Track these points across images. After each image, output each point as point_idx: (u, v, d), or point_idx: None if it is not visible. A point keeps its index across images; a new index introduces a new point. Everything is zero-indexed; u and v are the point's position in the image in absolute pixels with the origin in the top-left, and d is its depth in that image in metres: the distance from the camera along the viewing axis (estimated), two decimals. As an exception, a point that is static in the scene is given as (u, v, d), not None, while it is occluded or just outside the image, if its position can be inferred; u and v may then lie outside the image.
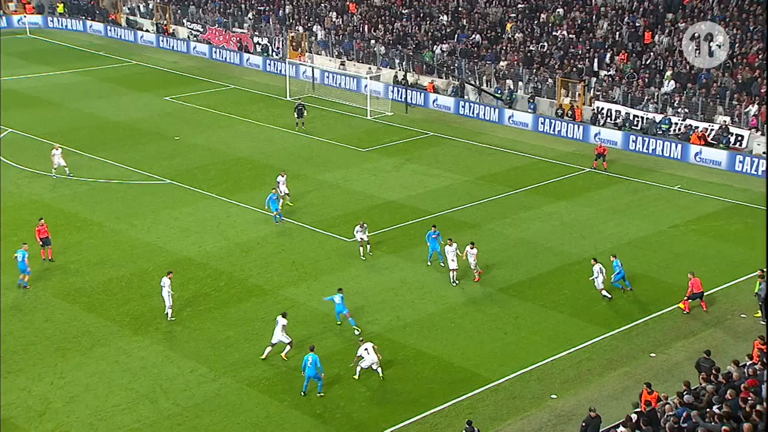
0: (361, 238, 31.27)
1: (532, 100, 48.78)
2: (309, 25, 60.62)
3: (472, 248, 29.68)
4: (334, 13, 60.61)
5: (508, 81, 50.46)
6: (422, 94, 52.07)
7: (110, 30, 68.90)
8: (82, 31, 69.82)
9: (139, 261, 30.76)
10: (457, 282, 29.44)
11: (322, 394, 23.34)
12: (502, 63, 51.24)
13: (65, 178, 37.81)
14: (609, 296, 28.40)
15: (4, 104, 49.44)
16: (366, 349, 23.92)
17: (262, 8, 64.24)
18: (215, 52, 62.66)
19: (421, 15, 57.00)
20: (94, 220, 34.15)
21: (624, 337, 26.50)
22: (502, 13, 54.28)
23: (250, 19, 63.75)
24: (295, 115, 46.44)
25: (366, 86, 51.71)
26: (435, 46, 54.13)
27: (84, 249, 31.57)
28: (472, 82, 51.57)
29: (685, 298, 27.66)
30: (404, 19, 57.20)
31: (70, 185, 37.72)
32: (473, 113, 49.79)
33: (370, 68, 55.06)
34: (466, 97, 51.44)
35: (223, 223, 34.30)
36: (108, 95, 52.80)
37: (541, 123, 47.16)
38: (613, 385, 24.08)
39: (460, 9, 55.88)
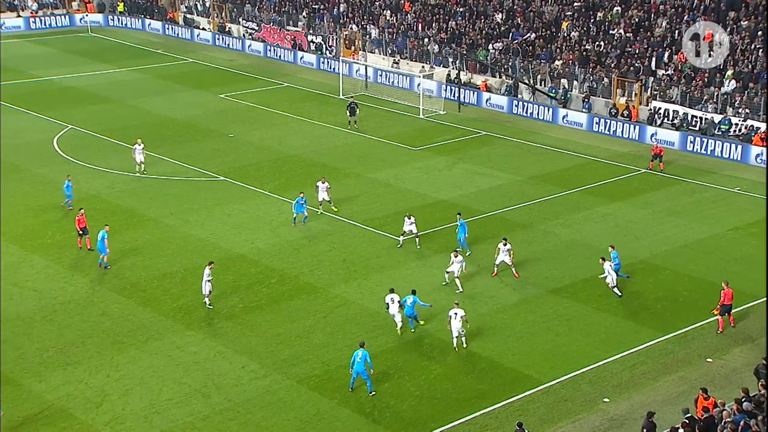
0: (409, 230, 31.28)
1: (587, 100, 48.14)
2: (363, 23, 60.74)
3: (504, 245, 29.50)
4: (389, 12, 60.62)
5: (562, 80, 49.88)
6: (475, 92, 51.76)
7: (168, 28, 69.98)
8: (140, 30, 71.04)
9: (193, 256, 31.14)
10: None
11: (373, 393, 23.34)
12: (557, 62, 50.66)
13: (139, 175, 38.04)
14: (620, 294, 28.17)
15: (64, 101, 50.61)
16: (456, 313, 24.78)
17: (316, 7, 64.56)
18: (270, 51, 63.18)
19: (476, 13, 56.67)
20: (149, 216, 34.69)
21: (679, 341, 25.98)
22: (558, 11, 53.68)
23: (304, 17, 64.13)
24: (348, 113, 46.56)
25: (419, 85, 51.59)
26: (489, 45, 53.76)
27: (139, 244, 32.08)
28: (526, 81, 51.09)
29: (717, 308, 26.38)
30: (458, 18, 56.95)
31: (127, 182, 38.39)
32: (527, 112, 49.33)
33: (423, 67, 54.94)
34: (519, 96, 50.98)
35: (276, 221, 34.55)
36: (164, 92, 53.62)
37: (596, 123, 46.50)
38: (667, 389, 23.62)
39: (515, 7, 55.42)
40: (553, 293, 28.97)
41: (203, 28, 69.14)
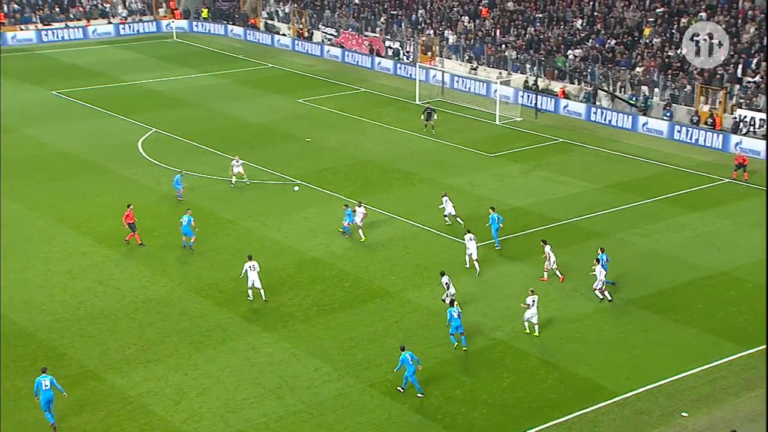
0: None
1: (668, 107, 47.00)
2: (440, 29, 60.65)
3: (545, 245, 29.45)
4: (466, 18, 60.39)
5: (643, 87, 48.82)
6: (553, 99, 51.10)
7: (249, 34, 71.23)
8: (223, 35, 72.51)
9: (268, 259, 31.53)
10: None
11: (421, 395, 23.19)
12: (637, 68, 49.62)
13: (245, 183, 38.37)
14: (610, 298, 28.16)
15: (149, 105, 51.99)
16: (534, 301, 25.63)
17: (394, 12, 64.77)
18: (348, 56, 63.68)
19: (555, 19, 55.94)
20: (227, 218, 35.31)
21: (763, 356, 25.05)
22: (639, 17, 52.52)
23: (382, 23, 64.42)
24: (423, 118, 46.50)
25: (495, 91, 51.23)
26: (568, 51, 53.02)
27: (217, 246, 32.68)
28: (605, 88, 50.19)
29: None
30: (537, 24, 56.31)
31: (207, 184, 39.17)
32: (605, 120, 48.46)
33: (500, 73, 54.53)
34: (598, 103, 50.11)
35: (350, 225, 34.71)
36: (244, 97, 54.56)
37: (678, 131, 45.35)
38: (750, 406, 22.81)
39: (595, 13, 54.48)
40: (630, 303, 28.34)
41: (283, 34, 70.15)
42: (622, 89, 49.78)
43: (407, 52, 61.17)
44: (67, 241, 32.93)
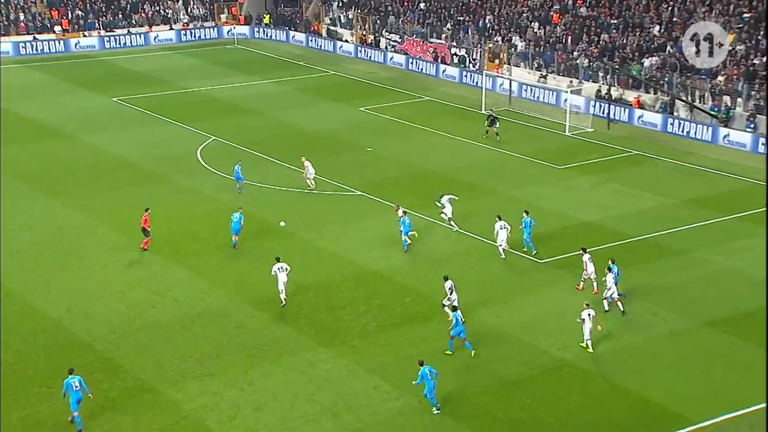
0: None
1: (752, 119, 45.85)
2: (509, 36, 60.36)
3: (584, 252, 29.55)
4: (536, 24, 59.98)
5: (725, 97, 47.73)
6: (627, 109, 50.36)
7: (311, 40, 72.02)
8: (284, 42, 73.46)
9: (327, 271, 31.71)
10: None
11: (437, 411, 23.21)
12: (719, 77, 48.55)
13: (309, 190, 39.23)
14: (622, 310, 28.37)
15: (209, 112, 52.89)
16: (589, 315, 25.70)
17: (461, 18, 64.72)
18: (412, 63, 63.84)
19: (631, 26, 55.12)
20: (286, 231, 35.58)
21: None
22: (722, 23, 51.36)
23: (448, 29, 64.42)
24: (486, 124, 46.67)
25: (566, 100, 50.72)
26: (643, 59, 52.19)
27: (273, 257, 32.88)
28: (684, 98, 49.23)
29: None
30: (612, 30, 55.56)
31: (267, 194, 39.61)
32: (683, 131, 47.53)
33: (571, 81, 53.98)
34: (675, 113, 49.18)
35: (411, 238, 34.70)
36: (305, 105, 55.11)
37: (762, 143, 44.20)
38: (837, 441, 21.97)
39: (674, 19, 53.47)
40: (709, 326, 27.67)
41: (346, 41, 70.74)
42: (702, 99, 48.76)
43: (474, 59, 61.03)
44: (125, 251, 33.64)
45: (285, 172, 42.41)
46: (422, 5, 68.06)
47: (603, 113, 50.12)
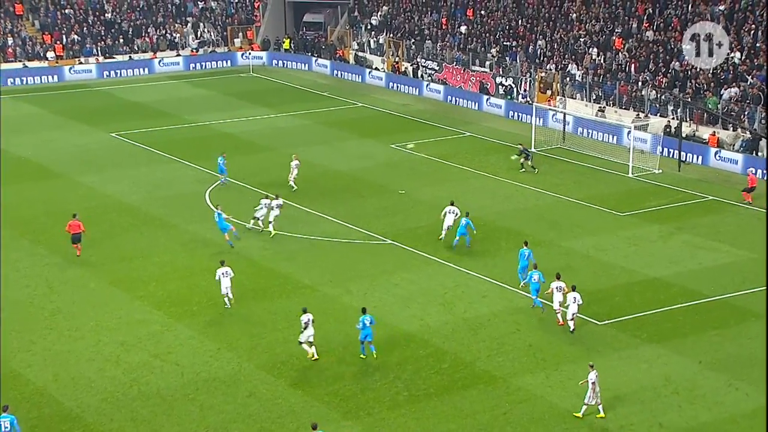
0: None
1: None
2: (563, 63, 60.83)
3: (571, 290, 31.16)
4: (595, 50, 60.43)
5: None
6: (701, 148, 50.30)
7: (337, 68, 73.06)
8: (306, 70, 74.56)
9: (353, 333, 31.72)
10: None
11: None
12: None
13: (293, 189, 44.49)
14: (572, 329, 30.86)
15: (220, 149, 53.46)
16: (597, 376, 26.34)
17: (508, 44, 65.36)
18: (451, 94, 64.44)
19: (707, 51, 55.28)
20: (305, 283, 35.83)
21: None
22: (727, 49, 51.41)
23: (493, 56, 65.07)
24: (522, 158, 48.36)
25: (629, 137, 50.84)
26: (721, 90, 52.27)
27: (293, 315, 33.02)
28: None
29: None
30: (683, 57, 55.76)
31: (283, 242, 39.95)
32: None
33: (636, 116, 54.13)
34: (760, 153, 49.04)
35: (450, 294, 34.77)
36: (329, 141, 55.72)
37: None
38: None
39: (758, 44, 53.57)
40: (797, 402, 27.29)
41: (376, 68, 71.65)
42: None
43: (523, 90, 61.49)
44: (121, 308, 34.01)
45: (306, 217, 42.76)
46: (463, 29, 68.90)
47: (673, 153, 50.10)
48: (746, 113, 50.59)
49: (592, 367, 26.69)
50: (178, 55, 75.81)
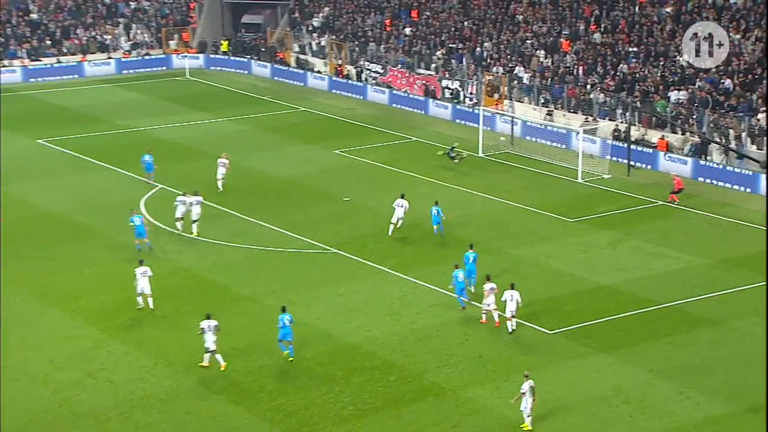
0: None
1: (797, 164, 46.67)
2: (510, 66, 61.39)
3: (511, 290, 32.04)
4: (543, 53, 61.09)
5: (766, 138, 48.57)
6: (650, 153, 51.08)
7: (277, 71, 72.87)
8: (245, 73, 74.26)
9: (296, 347, 31.59)
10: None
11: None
12: (759, 115, 49.45)
13: (220, 191, 45.78)
14: (511, 330, 31.89)
15: (155, 156, 53.02)
16: (531, 387, 26.39)
17: (453, 46, 65.79)
18: (396, 98, 64.65)
19: (654, 54, 56.23)
20: (245, 294, 35.67)
21: None
22: (761, 50, 52.41)
23: (439, 59, 65.44)
24: (450, 157, 50.40)
25: (578, 141, 51.43)
26: (669, 93, 53.16)
27: (233, 329, 32.90)
28: (718, 140, 50.04)
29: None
30: (631, 60, 56.64)
31: (222, 252, 39.71)
32: (717, 179, 48.24)
33: (586, 119, 54.80)
34: (708, 158, 49.94)
35: (397, 304, 34.85)
36: (270, 147, 55.56)
37: (810, 192, 44.94)
38: None
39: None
40: (752, 412, 27.77)
41: (318, 71, 71.64)
42: (739, 141, 49.54)
43: (469, 93, 61.91)
44: (49, 323, 33.53)
45: (246, 226, 42.58)
46: (408, 30, 69.21)
47: (622, 157, 50.75)
48: (695, 117, 51.45)
49: (527, 377, 26.84)
50: (110, 57, 74.99)
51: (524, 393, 26.61)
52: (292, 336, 30.21)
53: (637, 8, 59.68)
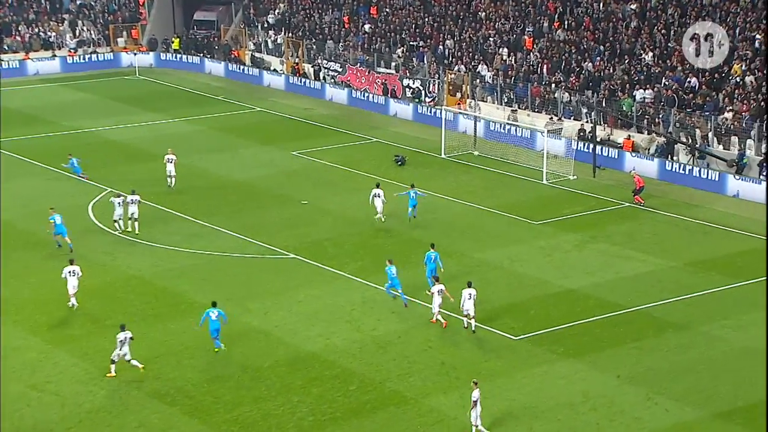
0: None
1: (765, 164, 47.23)
2: (473, 64, 61.65)
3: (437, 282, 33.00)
4: (505, 50, 61.43)
5: (733, 138, 49.19)
6: (616, 153, 51.54)
7: (232, 70, 72.60)
8: (198, 71, 73.90)
9: (253, 356, 31.59)
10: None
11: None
12: (726, 114, 50.08)
13: (169, 188, 46.44)
14: (466, 326, 32.71)
15: (104, 158, 52.75)
16: (478, 398, 26.42)
17: (414, 44, 65.94)
18: (355, 97, 64.68)
19: (619, 52, 56.74)
20: (201, 302, 35.40)
21: None
22: (729, 49, 53.06)
23: (399, 57, 65.56)
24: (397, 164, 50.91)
25: (542, 142, 51.76)
26: (635, 92, 53.66)
27: (187, 338, 32.77)
28: (684, 139, 50.61)
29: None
30: (596, 58, 57.12)
31: (176, 258, 39.49)
32: (684, 179, 48.76)
33: (551, 118, 55.18)
34: (675, 158, 50.47)
35: (357, 311, 34.87)
36: (225, 148, 55.34)
37: (778, 193, 45.52)
38: None
39: (671, 44, 55.15)
40: (721, 418, 28.16)
41: (274, 70, 71.50)
42: (705, 140, 50.07)
43: (431, 92, 62.11)
44: (-8, 333, 33.17)
45: (200, 231, 42.39)
46: (367, 27, 69.28)
47: (587, 157, 51.13)
48: (661, 116, 51.94)
49: (476, 384, 26.88)
50: (54, 55, 74.31)
51: (476, 401, 26.57)
52: (219, 333, 31.40)
53: (601, 5, 60.17)
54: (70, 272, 34.26)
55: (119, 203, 41.43)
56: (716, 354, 31.74)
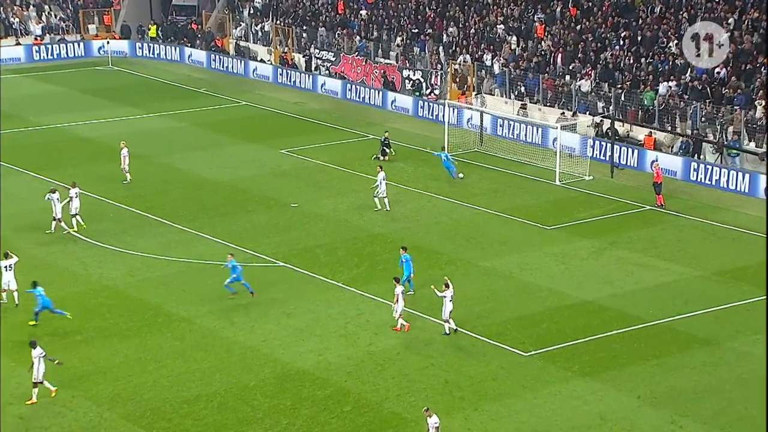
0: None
1: (798, 163, 47.38)
2: (479, 54, 61.69)
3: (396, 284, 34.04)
4: (515, 39, 61.48)
5: (767, 135, 49.24)
6: (636, 151, 51.60)
7: (215, 60, 72.68)
8: (178, 62, 73.97)
9: (237, 373, 31.62)
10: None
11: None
12: (758, 108, 50.11)
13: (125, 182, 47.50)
14: (447, 331, 33.44)
15: (74, 157, 52.72)
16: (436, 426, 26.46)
17: (416, 31, 65.98)
18: (351, 90, 64.76)
19: (640, 41, 56.76)
20: (180, 315, 35.53)
21: None
22: (760, 37, 53.02)
23: (398, 45, 65.63)
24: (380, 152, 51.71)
25: (555, 139, 51.85)
26: (658, 84, 53.69)
27: (165, 354, 32.81)
28: (712, 137, 50.64)
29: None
30: (615, 47, 57.14)
31: (153, 267, 39.54)
32: (711, 180, 48.83)
33: (563, 113, 55.26)
34: (701, 156, 50.53)
35: (352, 324, 34.92)
36: (207, 146, 55.39)
37: (813, 195, 45.63)
38: None
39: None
40: (750, 440, 28.25)
41: (261, 60, 71.56)
42: (736, 137, 50.02)
43: (433, 84, 62.19)
44: (-46, 348, 33.18)
45: (180, 237, 42.43)
46: (363, 13, 69.34)
47: (605, 156, 51.21)
48: (687, 110, 51.74)
49: (428, 410, 26.93)
50: (18, 43, 74.33)
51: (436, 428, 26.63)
52: (52, 305, 33.19)
53: (620, -11, 60.23)
54: (6, 266, 35.45)
55: (57, 199, 41.74)
56: (746, 372, 31.74)
